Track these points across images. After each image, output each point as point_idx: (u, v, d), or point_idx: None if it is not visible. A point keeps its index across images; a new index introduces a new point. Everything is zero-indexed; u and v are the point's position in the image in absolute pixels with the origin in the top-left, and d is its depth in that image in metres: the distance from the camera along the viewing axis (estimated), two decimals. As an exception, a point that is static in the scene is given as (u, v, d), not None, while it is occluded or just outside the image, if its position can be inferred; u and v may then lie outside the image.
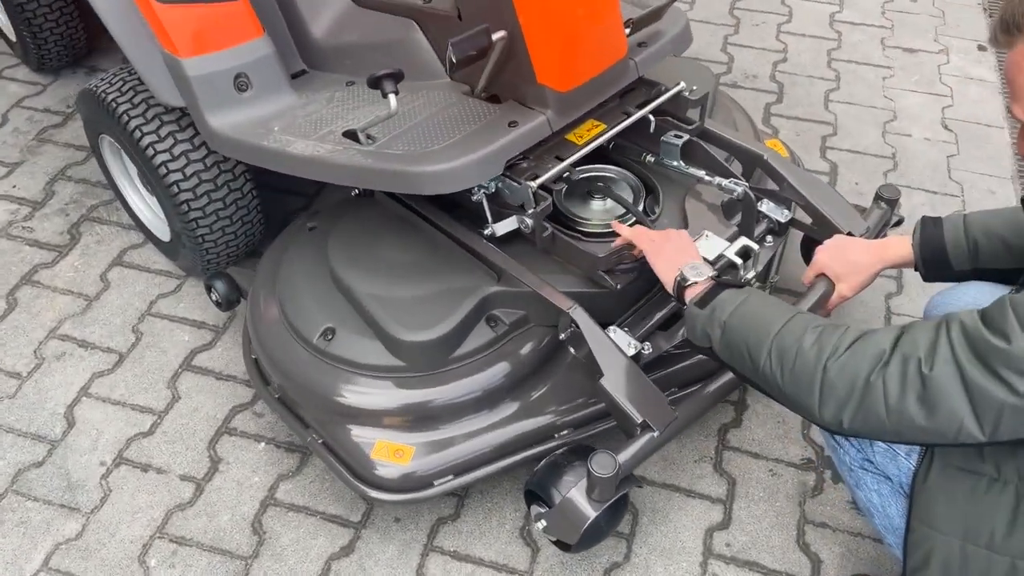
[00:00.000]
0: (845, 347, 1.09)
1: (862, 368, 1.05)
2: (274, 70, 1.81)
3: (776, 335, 1.17)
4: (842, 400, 1.08)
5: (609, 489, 1.41)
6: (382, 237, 1.80)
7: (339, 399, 1.64)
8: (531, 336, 1.68)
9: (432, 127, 1.65)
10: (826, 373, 1.08)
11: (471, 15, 1.63)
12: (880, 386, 1.04)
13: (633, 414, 1.45)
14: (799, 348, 1.13)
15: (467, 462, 1.63)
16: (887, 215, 1.90)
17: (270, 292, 1.82)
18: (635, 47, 1.79)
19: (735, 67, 3.06)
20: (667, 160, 1.84)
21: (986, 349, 0.98)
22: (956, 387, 0.99)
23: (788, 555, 1.73)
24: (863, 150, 2.71)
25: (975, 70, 3.05)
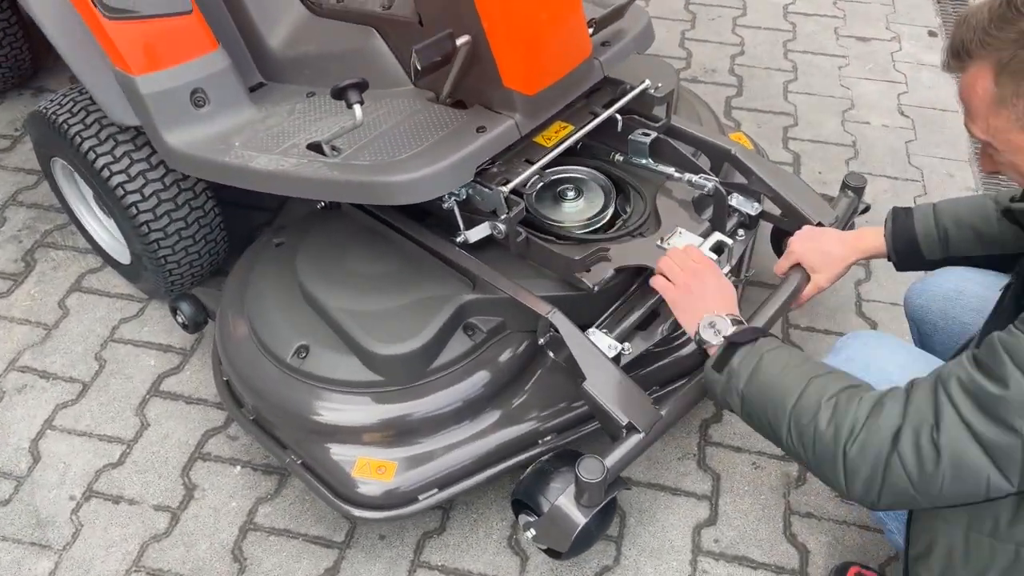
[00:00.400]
0: (861, 425, 1.06)
1: (882, 448, 1.03)
2: (231, 84, 1.76)
3: (793, 411, 1.14)
4: (868, 481, 1.06)
5: (598, 494, 1.40)
6: (351, 250, 1.76)
7: (316, 417, 1.60)
8: (509, 343, 1.66)
9: (399, 136, 1.62)
10: (847, 457, 1.06)
11: (433, 21, 1.60)
12: (898, 464, 1.02)
13: (618, 416, 1.43)
14: (816, 428, 1.10)
15: (451, 474, 1.61)
16: (854, 203, 1.91)
17: (239, 311, 1.77)
18: (599, 47, 1.78)
19: (694, 62, 3.08)
20: (636, 158, 1.83)
21: (987, 400, 0.97)
22: (971, 446, 0.98)
23: (776, 547, 1.74)
24: (824, 139, 2.74)
25: (927, 56, 3.10)
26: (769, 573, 1.70)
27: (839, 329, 2.15)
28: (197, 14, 1.72)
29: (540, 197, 1.79)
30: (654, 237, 1.67)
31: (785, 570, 1.70)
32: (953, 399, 1.00)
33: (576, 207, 1.78)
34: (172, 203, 1.91)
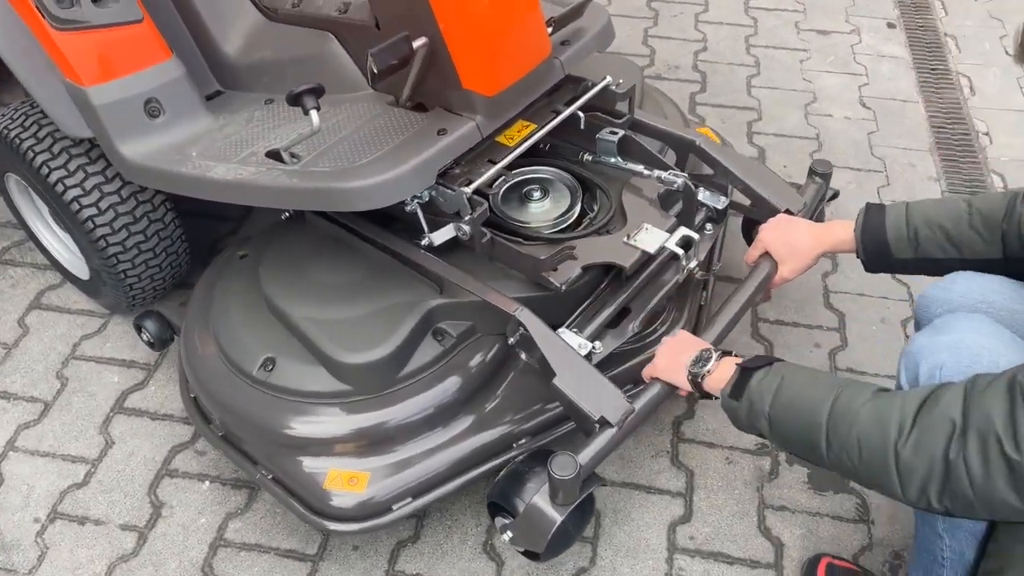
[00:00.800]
0: (910, 423, 1.01)
1: (937, 446, 0.98)
2: (186, 93, 1.73)
3: (829, 422, 1.09)
4: (924, 481, 1.01)
5: (572, 491, 1.37)
6: (316, 259, 1.74)
7: (286, 431, 1.57)
8: (480, 346, 1.64)
9: (359, 141, 1.60)
10: (899, 458, 1.01)
11: (389, 24, 1.58)
12: (961, 465, 0.97)
13: (589, 411, 1.42)
14: (859, 434, 1.05)
15: (425, 482, 1.58)
16: (823, 189, 1.90)
17: (204, 326, 1.74)
18: (559, 46, 1.77)
19: (657, 59, 3.08)
20: (604, 157, 1.82)
21: None
22: None
23: (751, 542, 1.74)
24: (788, 133, 2.76)
25: (886, 47, 3.14)
26: (745, 568, 1.70)
27: (807, 322, 2.17)
28: (149, 23, 1.69)
29: (506, 198, 1.77)
30: (620, 234, 1.66)
31: (761, 564, 1.70)
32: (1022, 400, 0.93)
33: (542, 207, 1.77)
34: (130, 216, 1.87)
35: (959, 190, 2.53)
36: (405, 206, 1.62)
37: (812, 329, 2.15)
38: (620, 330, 1.63)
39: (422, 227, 1.65)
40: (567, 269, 1.57)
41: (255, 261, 1.77)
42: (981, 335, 1.24)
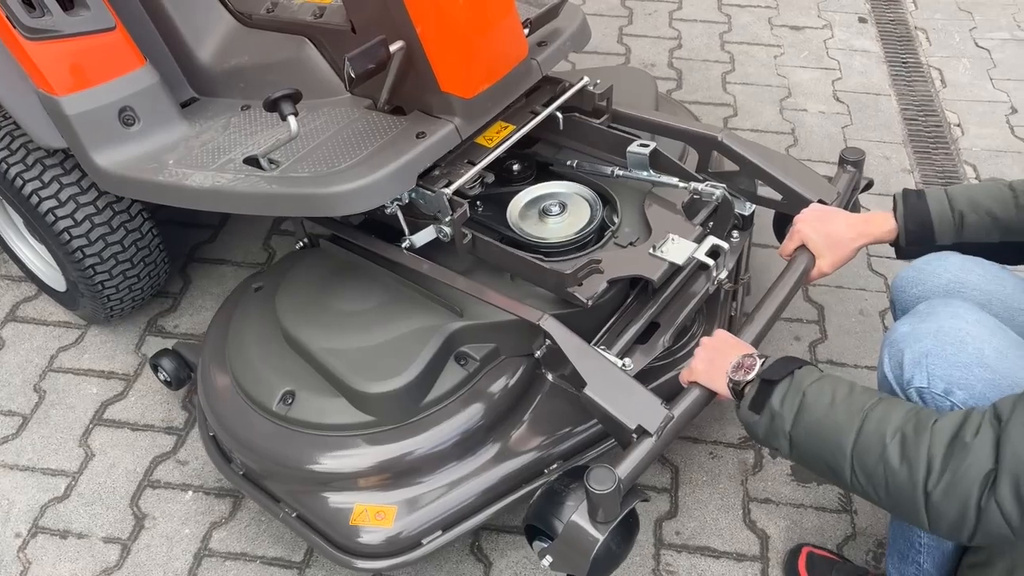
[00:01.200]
0: (939, 463, 0.98)
1: (971, 493, 0.96)
2: (161, 100, 1.72)
3: (854, 451, 1.06)
4: (955, 523, 0.98)
5: (613, 507, 1.24)
6: (332, 288, 1.68)
7: (309, 466, 1.51)
8: (505, 369, 1.57)
9: (337, 145, 1.59)
10: (929, 499, 0.99)
11: (365, 28, 1.58)
12: (996, 510, 0.94)
13: (625, 421, 1.32)
14: (887, 468, 1.02)
15: (454, 514, 1.52)
16: (855, 178, 1.81)
17: (220, 362, 1.69)
18: (535, 47, 1.77)
19: (633, 57, 3.10)
20: (636, 171, 1.76)
21: None
22: None
23: (736, 535, 1.75)
24: (764, 128, 2.79)
25: (858, 42, 3.18)
26: (731, 561, 1.71)
27: (787, 315, 2.19)
28: (121, 30, 1.67)
29: (524, 216, 1.73)
30: (646, 246, 1.60)
31: (747, 557, 1.72)
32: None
33: (562, 222, 1.71)
34: (106, 226, 1.85)
35: (933, 181, 2.57)
36: (385, 209, 1.61)
37: (792, 323, 2.17)
38: (650, 345, 1.56)
39: (402, 229, 1.64)
40: (593, 283, 1.51)
41: (270, 293, 1.73)
42: (964, 321, 1.22)
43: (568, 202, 1.74)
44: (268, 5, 1.81)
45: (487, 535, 1.75)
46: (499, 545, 1.74)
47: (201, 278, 2.32)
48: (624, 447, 1.34)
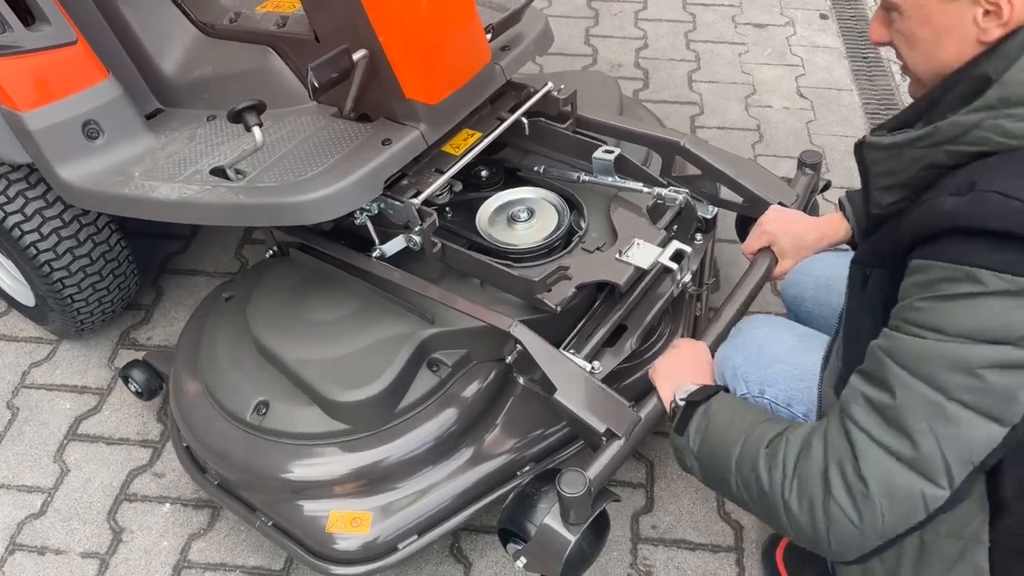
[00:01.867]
0: (792, 469, 1.01)
1: (815, 492, 0.98)
2: (126, 113, 1.71)
3: (736, 463, 1.10)
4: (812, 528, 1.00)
5: (584, 508, 1.29)
6: (303, 297, 1.69)
7: (284, 475, 1.52)
8: (476, 374, 1.60)
9: (304, 154, 1.60)
10: (787, 506, 1.01)
11: (328, 36, 1.59)
12: (837, 511, 0.97)
13: (595, 424, 1.36)
14: (757, 478, 1.05)
15: (430, 518, 1.54)
16: (813, 180, 1.87)
17: (192, 372, 1.69)
18: (498, 52, 1.79)
19: (600, 58, 3.13)
20: (601, 176, 1.78)
21: (887, 412, 0.94)
22: (893, 465, 0.94)
23: (711, 527, 1.78)
24: (730, 125, 2.82)
25: (820, 38, 3.23)
26: (707, 552, 1.74)
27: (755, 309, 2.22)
28: (83, 44, 1.67)
29: (493, 222, 1.74)
30: (612, 251, 1.63)
31: (722, 548, 1.75)
32: (859, 423, 0.96)
33: (530, 228, 1.73)
34: (74, 240, 1.84)
35: (895, 174, 2.61)
36: (355, 219, 1.62)
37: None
38: (618, 348, 1.59)
39: (372, 239, 1.65)
40: (562, 289, 1.54)
41: (241, 302, 1.73)
42: (759, 331, 1.40)
43: (536, 208, 1.76)
44: (231, 15, 1.82)
45: (466, 536, 1.77)
46: (478, 546, 1.75)
47: (173, 289, 2.32)
48: (594, 450, 1.37)
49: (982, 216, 0.88)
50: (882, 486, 0.94)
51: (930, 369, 0.91)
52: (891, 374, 0.94)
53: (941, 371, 0.91)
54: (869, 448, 0.95)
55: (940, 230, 0.92)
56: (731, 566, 1.71)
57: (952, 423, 0.91)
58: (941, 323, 0.91)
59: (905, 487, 0.94)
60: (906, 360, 0.93)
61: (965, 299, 0.89)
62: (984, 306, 0.88)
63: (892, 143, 1.02)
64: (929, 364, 0.92)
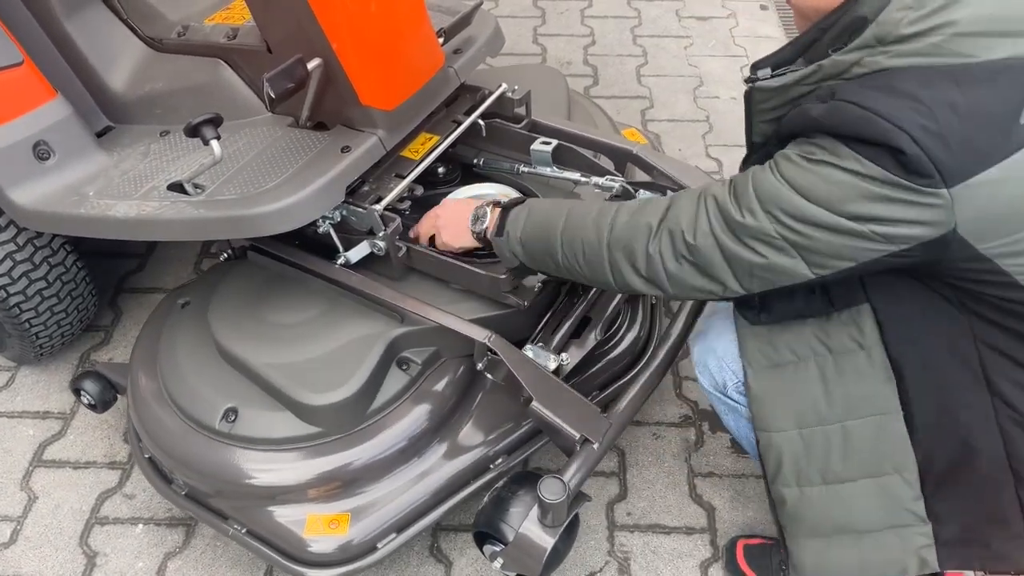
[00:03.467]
0: (621, 225, 1.24)
1: (638, 242, 1.22)
2: (76, 132, 1.69)
3: (562, 234, 1.31)
4: (628, 270, 1.24)
5: (561, 513, 1.36)
6: (266, 300, 1.67)
7: (256, 481, 1.51)
8: (446, 371, 1.61)
9: (262, 165, 1.59)
10: (611, 252, 1.25)
11: (281, 47, 1.59)
12: (657, 257, 1.20)
13: (570, 432, 1.41)
14: (583, 238, 1.28)
15: (407, 516, 1.56)
16: None
17: (153, 383, 1.66)
18: (451, 55, 1.80)
19: (549, 57, 3.16)
20: (540, 168, 1.82)
21: (734, 224, 1.13)
22: (716, 254, 1.16)
23: (685, 510, 1.83)
24: (680, 117, 2.88)
25: (762, 28, 3.31)
26: (681, 535, 1.78)
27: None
28: (29, 64, 1.64)
29: None
30: None
31: (696, 530, 1.79)
32: (709, 214, 1.16)
33: None
34: (29, 263, 1.81)
35: (840, 158, 2.69)
36: (317, 227, 1.62)
37: (720, 302, 2.26)
38: (583, 340, 1.62)
39: (336, 246, 1.66)
40: (528, 285, 1.58)
41: (200, 308, 1.70)
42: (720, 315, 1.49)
43: None
44: (179, 29, 1.80)
45: (445, 536, 1.78)
46: (458, 544, 1.77)
47: (133, 308, 2.29)
48: (568, 454, 1.43)
49: (835, 122, 1.04)
50: (702, 262, 1.17)
51: (775, 207, 1.09)
52: (748, 198, 1.12)
53: (781, 212, 1.09)
54: (706, 232, 1.16)
55: (810, 130, 1.08)
56: (705, 547, 1.76)
57: (773, 250, 1.11)
58: (796, 177, 1.07)
59: (717, 273, 1.17)
60: (762, 192, 1.11)
61: (824, 165, 1.05)
62: (834, 174, 1.04)
63: (781, 84, 1.17)
64: (776, 203, 1.09)
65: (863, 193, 1.02)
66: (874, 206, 1.02)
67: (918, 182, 0.99)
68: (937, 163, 0.97)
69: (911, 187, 0.99)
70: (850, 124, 1.02)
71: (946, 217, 1.00)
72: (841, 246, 1.06)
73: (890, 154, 0.99)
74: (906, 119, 0.98)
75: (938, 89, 0.99)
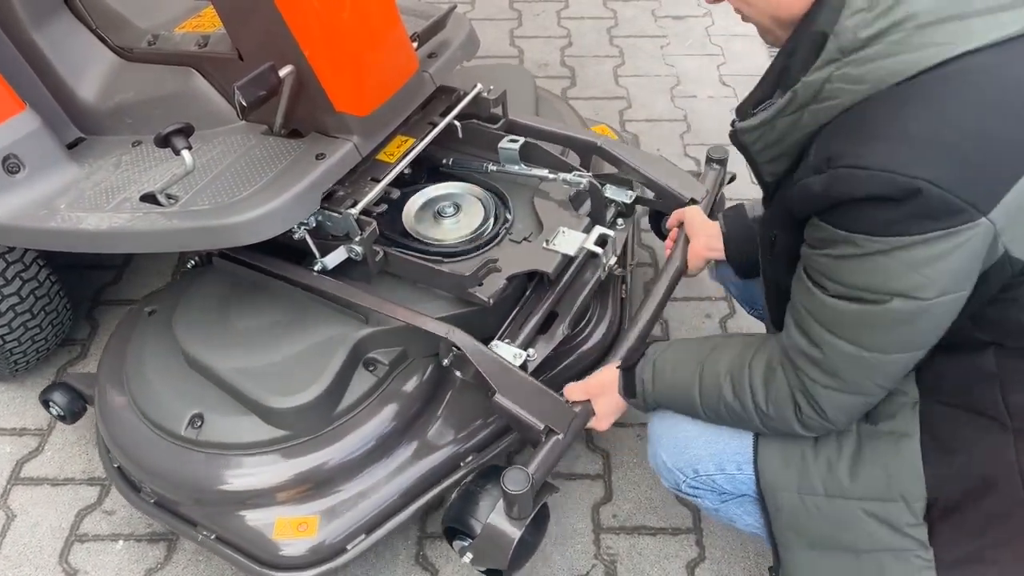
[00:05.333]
0: (762, 395, 1.19)
1: (788, 413, 1.18)
2: (46, 144, 1.66)
3: (701, 400, 1.27)
4: (790, 431, 1.21)
5: (527, 504, 1.36)
6: (231, 306, 1.66)
7: (225, 487, 1.50)
8: (414, 371, 1.61)
9: (237, 174, 1.58)
10: (765, 421, 1.21)
11: (252, 54, 1.57)
12: (810, 421, 1.17)
13: (534, 423, 1.42)
14: (726, 406, 1.24)
15: (376, 516, 1.55)
16: (720, 175, 1.96)
17: (120, 391, 1.65)
18: (426, 59, 1.79)
19: (526, 58, 3.16)
20: (508, 166, 1.83)
21: (822, 365, 1.11)
22: (839, 395, 1.12)
23: (670, 510, 1.82)
24: (657, 117, 2.89)
25: (737, 27, 3.28)
26: (667, 536, 1.78)
27: (696, 295, 2.28)
28: (-4, 76, 1.62)
29: (420, 219, 1.76)
30: (539, 240, 1.68)
31: (681, 530, 1.79)
32: (802, 371, 1.14)
33: (457, 223, 1.75)
34: (1, 279, 1.78)
35: (817, 154, 2.71)
36: (293, 234, 1.61)
37: (702, 301, 2.27)
38: (551, 335, 1.63)
39: (312, 252, 1.65)
40: (493, 282, 1.57)
41: (166, 316, 1.69)
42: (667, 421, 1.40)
43: (461, 202, 1.80)
44: (149, 38, 1.78)
45: (431, 543, 1.77)
46: (444, 551, 1.76)
47: (109, 321, 2.26)
48: (534, 446, 1.43)
49: (840, 192, 0.98)
50: (835, 409, 1.14)
51: (843, 329, 1.06)
52: (815, 332, 1.09)
53: (852, 329, 1.05)
54: (816, 387, 1.13)
55: (816, 209, 1.03)
56: (691, 547, 1.76)
57: (871, 366, 1.08)
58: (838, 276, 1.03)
59: (851, 404, 1.14)
60: (824, 320, 1.07)
61: (851, 259, 1.01)
62: (869, 263, 0.99)
63: (761, 121, 1.12)
64: (841, 324, 1.06)
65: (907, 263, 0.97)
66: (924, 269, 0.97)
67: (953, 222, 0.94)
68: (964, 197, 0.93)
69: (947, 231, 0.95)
70: (859, 187, 0.96)
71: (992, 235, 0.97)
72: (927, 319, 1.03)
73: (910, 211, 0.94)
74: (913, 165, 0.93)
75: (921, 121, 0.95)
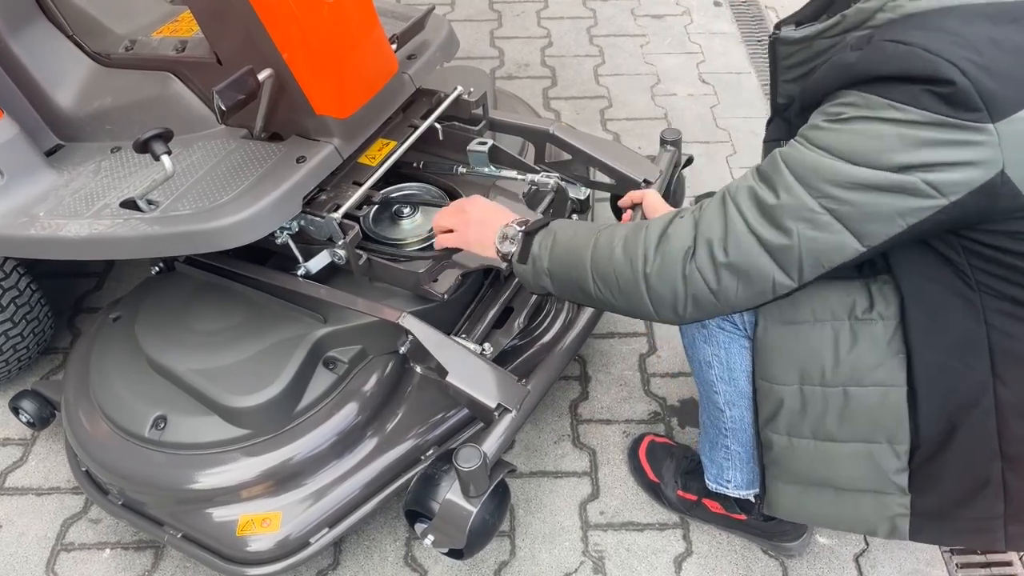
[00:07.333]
0: (653, 251, 1.15)
1: (676, 268, 1.13)
2: (24, 152, 1.65)
3: (591, 263, 1.23)
4: (671, 301, 1.16)
5: (482, 481, 1.38)
6: (193, 310, 1.69)
7: (189, 486, 1.53)
8: (374, 368, 1.64)
9: (217, 178, 1.57)
10: (648, 283, 1.16)
11: (231, 58, 1.57)
12: (697, 276, 1.12)
13: (487, 401, 1.44)
14: (614, 268, 1.19)
15: (339, 510, 1.57)
16: (675, 156, 1.97)
17: (85, 397, 1.66)
18: (405, 60, 1.80)
19: (507, 59, 3.16)
20: (478, 168, 1.85)
21: (769, 209, 1.07)
22: (757, 250, 1.08)
23: (657, 506, 1.83)
24: (638, 115, 2.90)
25: (716, 25, 3.34)
26: (654, 531, 1.79)
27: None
28: (-29, 84, 1.60)
29: (378, 219, 1.78)
30: None
31: (668, 525, 1.80)
32: (741, 210, 1.09)
33: (414, 222, 1.77)
34: (-20, 288, 1.77)
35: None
36: (276, 238, 1.61)
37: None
38: (507, 329, 1.67)
39: (296, 257, 1.64)
40: (447, 278, 1.60)
41: (129, 321, 1.71)
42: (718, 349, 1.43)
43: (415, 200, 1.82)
44: (126, 43, 1.77)
45: (419, 544, 1.77)
46: (432, 552, 1.76)
47: (92, 329, 2.24)
48: (488, 425, 1.45)
49: (880, 62, 0.98)
50: (743, 264, 1.09)
51: (814, 180, 1.04)
52: (781, 177, 1.06)
53: (822, 183, 1.03)
54: (742, 232, 1.09)
55: (844, 82, 1.03)
56: (678, 541, 1.77)
57: (818, 228, 1.05)
58: (832, 142, 1.02)
59: (761, 269, 1.09)
60: (796, 168, 1.05)
61: (858, 121, 1.00)
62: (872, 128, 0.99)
63: (804, 36, 1.14)
64: (815, 175, 1.03)
65: (907, 140, 0.97)
66: (920, 152, 0.97)
67: (965, 117, 0.95)
68: (984, 95, 0.94)
69: (957, 124, 0.95)
70: (895, 61, 0.97)
71: (994, 155, 0.97)
72: (890, 207, 1.01)
73: (932, 92, 0.95)
74: (951, 52, 0.95)
75: (976, 26, 0.98)
